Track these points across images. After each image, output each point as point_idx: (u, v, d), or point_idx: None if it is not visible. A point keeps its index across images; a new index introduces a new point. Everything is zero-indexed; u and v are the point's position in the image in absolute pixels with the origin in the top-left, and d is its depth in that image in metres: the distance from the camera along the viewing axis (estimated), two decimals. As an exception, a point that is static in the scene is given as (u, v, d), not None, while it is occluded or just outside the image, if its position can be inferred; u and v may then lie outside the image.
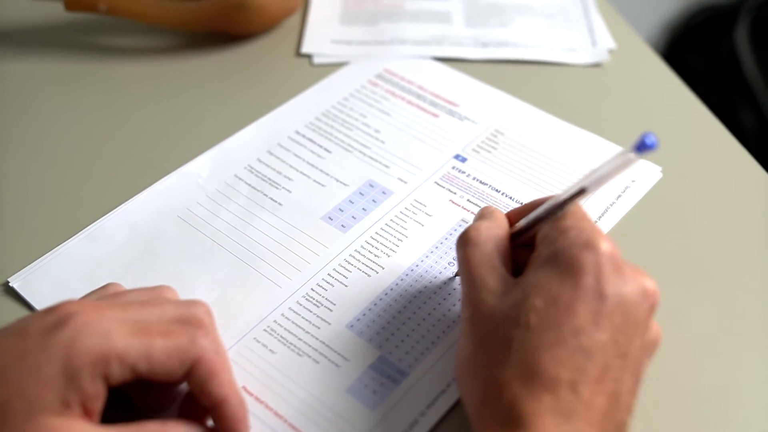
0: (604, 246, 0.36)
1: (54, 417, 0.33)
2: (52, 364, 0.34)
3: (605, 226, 0.48)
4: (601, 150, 0.53)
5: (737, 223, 0.48)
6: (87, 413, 0.34)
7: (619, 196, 0.49)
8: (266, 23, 0.62)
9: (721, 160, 0.53)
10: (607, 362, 0.34)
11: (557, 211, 0.38)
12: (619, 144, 0.53)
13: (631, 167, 0.35)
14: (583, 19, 0.65)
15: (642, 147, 0.33)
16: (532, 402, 0.34)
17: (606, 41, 0.62)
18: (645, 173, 0.51)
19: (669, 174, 0.51)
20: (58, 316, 0.35)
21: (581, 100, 0.57)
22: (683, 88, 0.59)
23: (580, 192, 0.36)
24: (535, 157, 0.52)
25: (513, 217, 0.41)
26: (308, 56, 0.61)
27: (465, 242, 0.39)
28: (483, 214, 0.41)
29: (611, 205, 0.49)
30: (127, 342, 0.35)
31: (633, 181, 0.50)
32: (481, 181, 0.51)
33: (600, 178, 0.36)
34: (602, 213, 0.48)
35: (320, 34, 0.63)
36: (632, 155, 0.33)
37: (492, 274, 0.38)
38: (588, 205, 0.48)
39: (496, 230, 0.40)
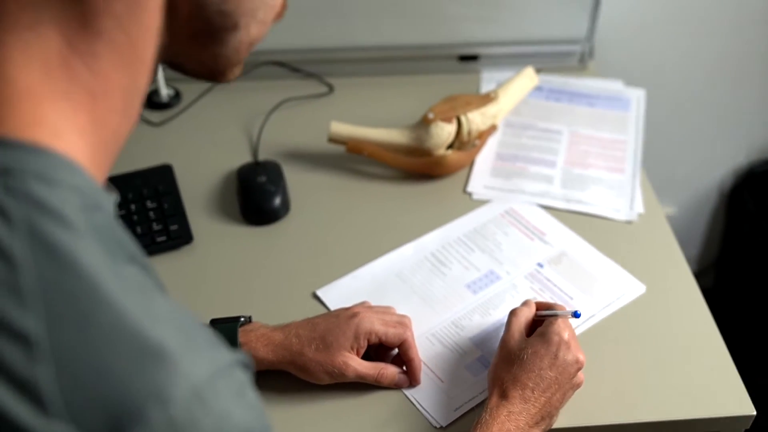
0: (565, 335, 0.76)
1: (347, 352, 0.83)
2: (350, 330, 0.83)
3: (600, 316, 0.93)
4: (621, 277, 0.99)
5: (683, 339, 0.93)
6: (357, 354, 0.85)
7: (614, 301, 0.96)
8: (449, 172, 1.12)
9: (684, 301, 0.98)
10: (550, 385, 0.74)
11: (554, 316, 0.83)
12: (633, 275, 0.98)
13: (569, 319, 0.82)
14: (629, 191, 1.10)
15: (575, 314, 0.80)
16: (513, 391, 0.74)
17: (638, 207, 1.08)
18: (633, 288, 0.97)
19: (650, 293, 0.97)
20: (352, 312, 0.85)
21: (616, 243, 1.03)
22: (676, 249, 1.03)
23: (557, 316, 0.82)
24: (581, 272, 0.99)
25: (539, 305, 0.86)
26: (470, 193, 1.11)
27: (512, 315, 0.82)
28: (525, 303, 0.86)
29: (608, 305, 0.95)
30: (379, 327, 0.84)
31: (623, 294, 0.96)
32: (548, 279, 0.98)
33: (563, 315, 0.82)
34: (602, 308, 0.94)
35: (478, 181, 1.12)
36: (569, 315, 0.81)
37: (517, 333, 0.79)
38: (591, 304, 0.95)
39: (528, 313, 0.82)
